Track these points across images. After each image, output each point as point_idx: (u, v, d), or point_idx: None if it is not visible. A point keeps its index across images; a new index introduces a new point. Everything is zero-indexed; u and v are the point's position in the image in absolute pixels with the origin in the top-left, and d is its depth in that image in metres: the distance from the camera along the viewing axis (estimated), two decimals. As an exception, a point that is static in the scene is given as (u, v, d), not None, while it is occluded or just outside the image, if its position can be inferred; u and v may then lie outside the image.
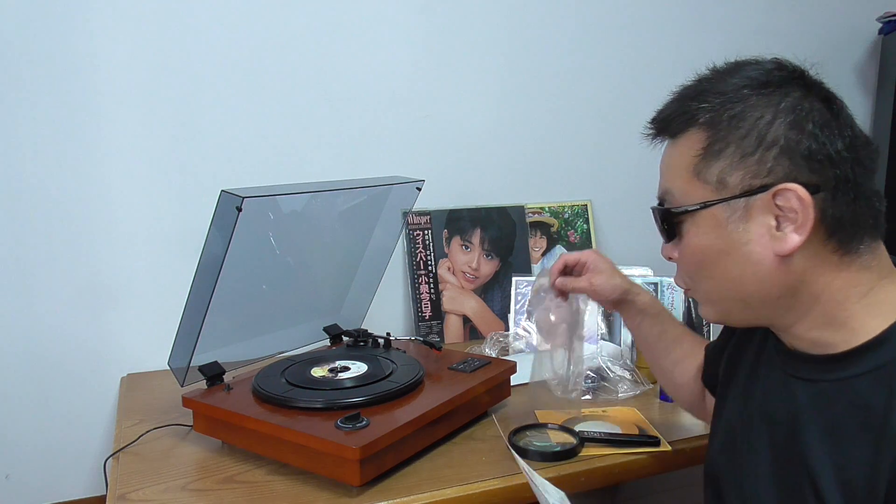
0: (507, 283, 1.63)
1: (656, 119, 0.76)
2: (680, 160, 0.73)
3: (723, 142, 0.69)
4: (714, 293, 0.75)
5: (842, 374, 0.69)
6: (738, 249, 0.70)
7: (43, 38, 1.34)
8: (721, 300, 0.75)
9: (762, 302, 0.71)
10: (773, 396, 0.77)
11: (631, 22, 1.77)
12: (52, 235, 1.39)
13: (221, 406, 1.05)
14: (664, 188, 0.76)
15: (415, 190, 1.36)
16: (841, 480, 0.67)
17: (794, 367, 0.75)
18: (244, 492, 0.97)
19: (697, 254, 0.73)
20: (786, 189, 0.66)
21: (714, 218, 0.70)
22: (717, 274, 0.72)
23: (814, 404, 0.71)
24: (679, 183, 0.73)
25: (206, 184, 1.43)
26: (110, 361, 1.45)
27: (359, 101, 1.58)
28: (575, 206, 1.78)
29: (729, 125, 0.69)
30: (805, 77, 0.71)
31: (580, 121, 1.77)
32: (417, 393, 1.10)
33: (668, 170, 0.75)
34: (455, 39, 1.64)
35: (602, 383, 1.32)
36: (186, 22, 1.42)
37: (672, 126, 0.74)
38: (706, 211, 0.70)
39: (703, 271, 0.74)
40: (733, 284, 0.72)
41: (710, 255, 0.72)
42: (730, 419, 0.85)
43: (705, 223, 0.71)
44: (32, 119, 1.35)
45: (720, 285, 0.73)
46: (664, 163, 0.76)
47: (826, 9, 1.96)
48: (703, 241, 0.72)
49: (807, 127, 0.67)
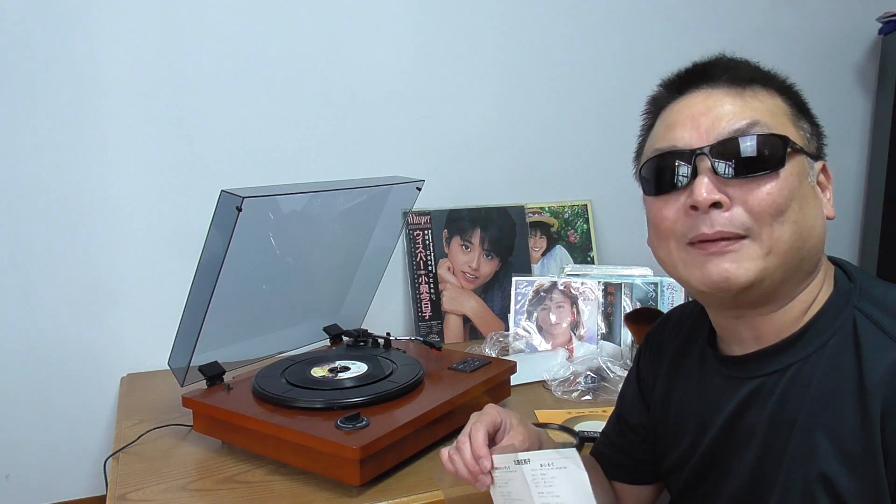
0: (507, 283, 1.63)
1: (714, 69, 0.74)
2: (772, 105, 0.72)
3: (803, 110, 0.75)
4: (785, 241, 0.69)
5: (809, 350, 0.71)
6: (814, 202, 0.72)
7: (43, 38, 1.34)
8: (786, 251, 0.70)
9: (810, 261, 0.72)
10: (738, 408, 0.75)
11: (631, 22, 1.78)
12: (52, 235, 1.39)
13: (221, 406, 1.05)
14: (753, 119, 0.70)
15: (415, 190, 1.36)
16: (843, 454, 0.67)
17: (758, 366, 0.74)
18: (244, 492, 0.97)
19: (789, 191, 0.69)
20: (825, 165, 0.74)
21: (802, 165, 0.71)
22: (800, 218, 0.70)
23: (790, 392, 0.71)
24: (775, 120, 0.71)
25: (206, 184, 1.43)
26: (110, 361, 1.45)
27: (359, 101, 1.58)
28: (575, 206, 1.78)
29: (800, 97, 0.75)
30: None
31: (580, 121, 1.77)
32: (417, 393, 1.10)
33: (753, 109, 0.71)
34: (455, 39, 1.64)
35: (602, 383, 1.32)
36: (187, 22, 1.43)
37: (743, 78, 0.73)
38: (800, 156, 0.71)
39: (787, 214, 0.69)
40: (807, 233, 0.70)
41: (798, 198, 0.70)
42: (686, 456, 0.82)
43: (799, 165, 0.71)
44: (33, 119, 1.35)
45: (797, 231, 0.70)
46: (738, 104, 0.71)
47: (826, 9, 1.95)
48: (794, 183, 0.70)
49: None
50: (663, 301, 1.51)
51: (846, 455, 0.67)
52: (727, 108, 0.71)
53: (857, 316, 0.70)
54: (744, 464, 0.75)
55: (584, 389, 1.30)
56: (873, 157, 2.05)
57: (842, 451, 0.67)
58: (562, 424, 1.13)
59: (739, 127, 0.70)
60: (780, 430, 0.72)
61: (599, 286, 1.53)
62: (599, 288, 1.53)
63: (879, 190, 2.00)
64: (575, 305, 1.53)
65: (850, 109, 2.03)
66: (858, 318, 0.69)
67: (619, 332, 1.50)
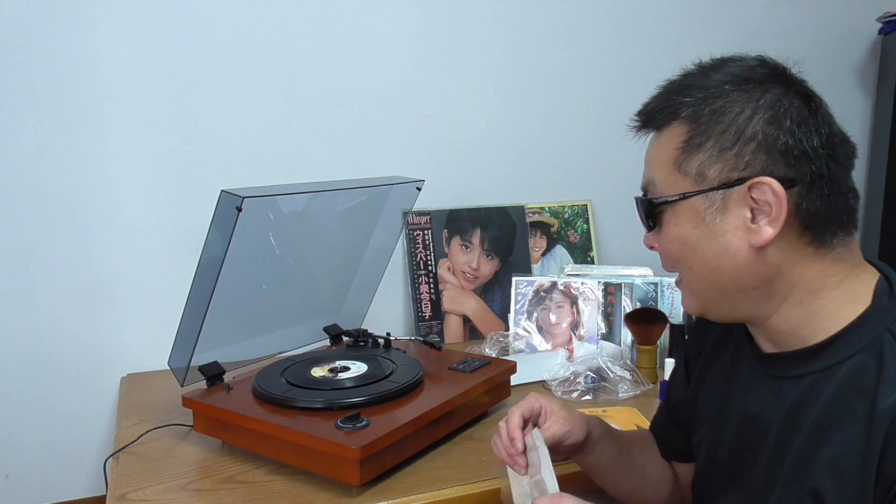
0: (507, 283, 1.63)
1: (641, 112, 0.78)
2: (663, 152, 0.74)
3: (703, 135, 0.71)
4: (694, 283, 0.76)
5: (830, 361, 0.70)
6: (715, 240, 0.71)
7: (44, 38, 1.34)
8: (701, 291, 0.76)
9: (740, 291, 0.73)
10: (759, 404, 0.77)
11: (631, 22, 1.78)
12: (52, 235, 1.39)
13: (221, 406, 1.06)
14: (647, 178, 0.77)
15: (415, 190, 1.36)
16: (837, 473, 0.67)
17: (779, 367, 0.75)
18: (244, 492, 0.97)
19: (676, 243, 0.74)
20: (761, 182, 0.68)
21: (693, 209, 0.72)
22: (696, 264, 0.74)
23: (806, 400, 0.71)
24: (661, 174, 0.75)
25: (206, 184, 1.42)
26: (110, 361, 1.45)
27: (359, 101, 1.58)
28: (575, 206, 1.78)
29: (710, 119, 0.70)
30: (786, 74, 0.72)
31: (580, 121, 1.77)
32: (417, 393, 1.10)
33: (651, 161, 0.77)
34: (455, 39, 1.64)
35: (602, 383, 1.32)
36: (187, 23, 1.42)
37: (656, 119, 0.75)
38: (685, 202, 0.72)
39: (683, 261, 0.75)
40: (711, 274, 0.73)
41: (689, 245, 0.73)
42: (710, 441, 0.85)
43: (684, 214, 0.73)
44: (33, 119, 1.35)
45: (699, 275, 0.74)
46: (648, 154, 0.78)
47: (826, 9, 1.95)
48: (682, 231, 0.73)
49: (785, 123, 0.68)
50: (663, 301, 1.51)
51: (840, 474, 0.66)
52: (644, 163, 0.78)
53: (886, 337, 0.68)
54: (760, 461, 0.76)
55: (584, 389, 1.30)
56: (873, 157, 2.05)
57: (837, 469, 0.67)
58: (562, 424, 1.13)
59: (642, 186, 0.78)
60: (788, 436, 0.72)
61: (599, 286, 1.53)
62: (599, 288, 1.53)
63: (879, 190, 2.00)
64: (575, 305, 1.53)
65: (849, 109, 2.03)
66: (887, 339, 0.68)
67: (620, 332, 1.50)
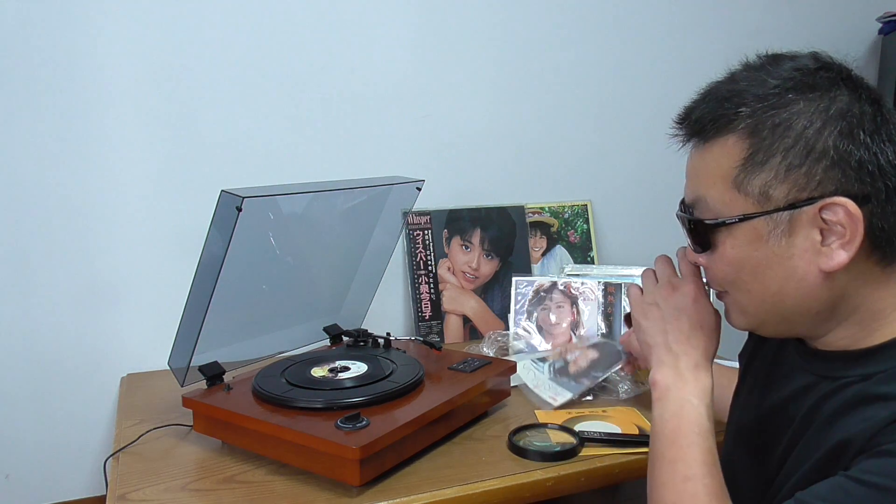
0: (507, 283, 1.63)
1: (686, 120, 0.70)
2: (716, 168, 0.67)
3: (767, 152, 0.64)
4: (750, 306, 0.70)
5: (861, 372, 0.67)
6: (779, 264, 0.66)
7: (43, 38, 1.33)
8: (757, 313, 0.70)
9: (801, 316, 0.68)
10: (793, 397, 0.74)
11: (631, 21, 1.77)
12: (52, 235, 1.39)
13: (221, 406, 1.05)
14: (696, 195, 0.70)
15: (415, 190, 1.36)
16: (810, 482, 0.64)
17: (822, 367, 0.72)
18: (244, 492, 0.97)
19: (734, 266, 0.68)
20: (834, 203, 0.62)
21: (754, 230, 0.66)
22: (756, 288, 0.68)
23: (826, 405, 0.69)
24: (715, 192, 0.68)
25: (206, 184, 1.42)
26: (110, 361, 1.45)
27: (358, 101, 1.58)
28: (575, 206, 1.78)
29: (773, 133, 0.63)
30: (851, 77, 0.65)
31: (580, 121, 1.77)
32: (417, 393, 1.10)
33: (700, 176, 0.69)
34: (455, 39, 1.64)
35: (602, 383, 1.32)
36: (187, 23, 1.42)
37: (707, 130, 0.68)
38: (746, 224, 0.66)
39: (740, 284, 0.69)
40: (773, 299, 0.68)
41: (748, 269, 0.67)
42: (741, 417, 0.84)
43: (744, 236, 0.67)
44: (33, 118, 1.35)
45: (757, 298, 0.69)
46: (694, 168, 0.70)
47: (826, 9, 1.95)
48: (741, 254, 0.67)
49: (858, 135, 0.62)
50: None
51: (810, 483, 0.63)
52: (687, 176, 0.72)
53: None
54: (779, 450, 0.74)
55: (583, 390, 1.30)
56: (873, 157, 2.05)
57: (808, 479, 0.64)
58: (562, 424, 1.13)
59: (689, 202, 0.72)
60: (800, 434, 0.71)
61: (599, 286, 1.53)
62: (599, 288, 1.53)
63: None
64: (575, 305, 1.53)
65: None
66: None
67: (619, 332, 1.50)
